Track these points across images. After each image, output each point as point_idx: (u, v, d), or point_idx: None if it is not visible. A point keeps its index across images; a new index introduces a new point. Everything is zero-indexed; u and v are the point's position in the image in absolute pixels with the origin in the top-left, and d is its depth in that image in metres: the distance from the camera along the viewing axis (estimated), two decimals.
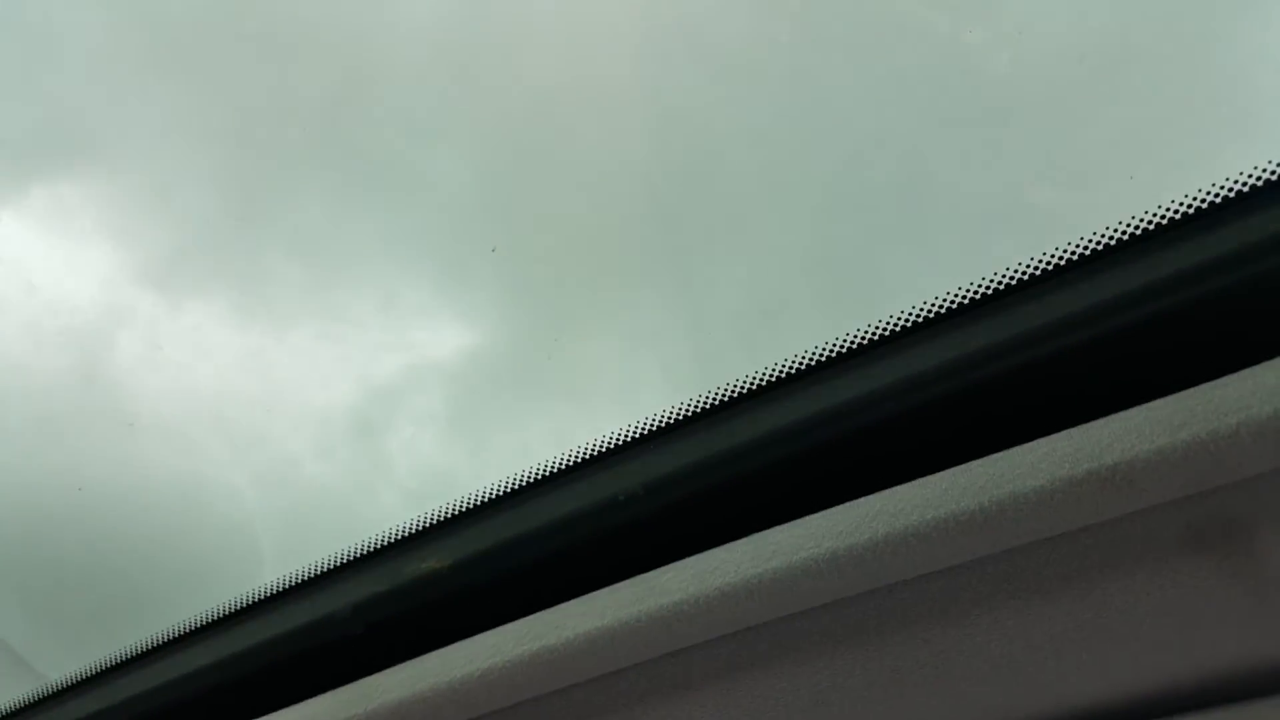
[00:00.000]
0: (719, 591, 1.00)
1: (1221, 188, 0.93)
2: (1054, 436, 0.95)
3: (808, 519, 1.01)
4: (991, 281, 1.00)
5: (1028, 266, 0.98)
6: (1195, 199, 0.94)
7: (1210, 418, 0.88)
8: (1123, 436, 0.91)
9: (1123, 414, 0.92)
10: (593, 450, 1.12)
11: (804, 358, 1.04)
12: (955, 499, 0.96)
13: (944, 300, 1.00)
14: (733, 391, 1.07)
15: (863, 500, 1.02)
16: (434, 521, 1.21)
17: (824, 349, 1.03)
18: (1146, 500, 0.91)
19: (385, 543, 1.22)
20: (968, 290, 0.98)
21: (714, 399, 1.08)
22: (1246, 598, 0.94)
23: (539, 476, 1.16)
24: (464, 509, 1.19)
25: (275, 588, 1.26)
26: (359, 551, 1.23)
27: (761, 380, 1.05)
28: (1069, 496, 0.92)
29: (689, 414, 1.10)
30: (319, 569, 1.25)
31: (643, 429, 1.10)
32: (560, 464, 1.15)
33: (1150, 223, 0.94)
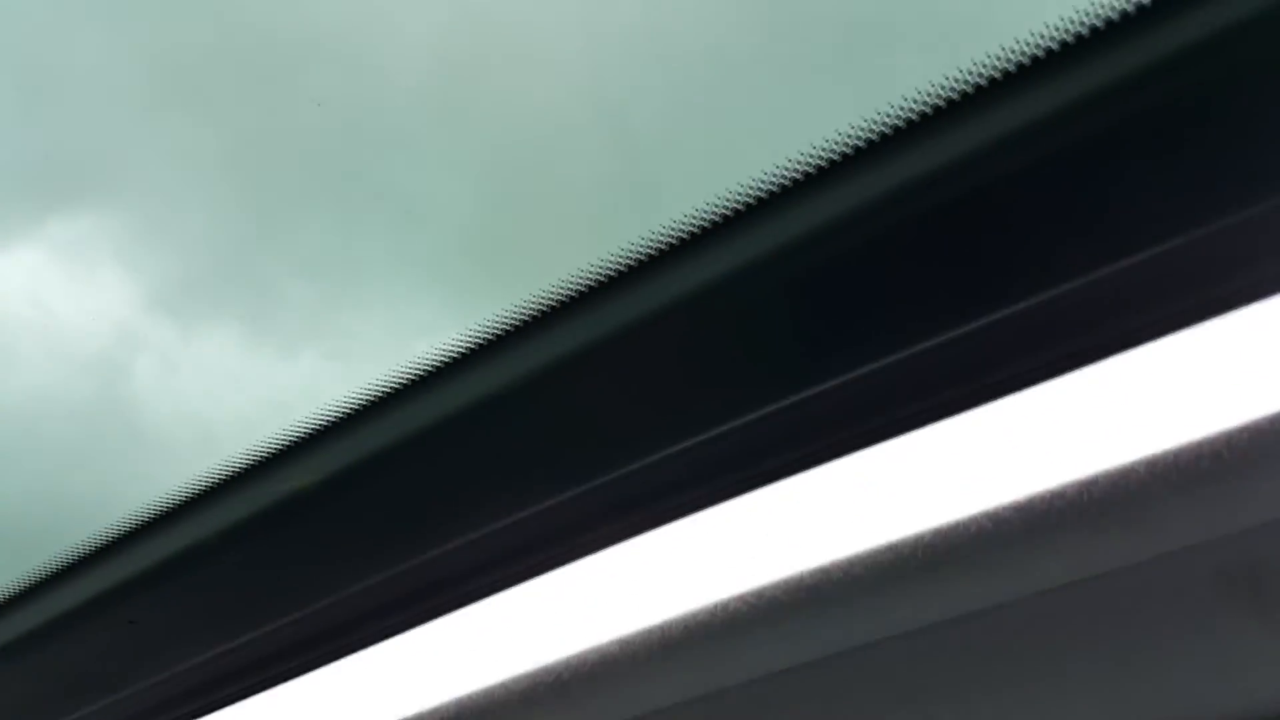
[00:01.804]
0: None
1: None
2: (1082, 479, 0.96)
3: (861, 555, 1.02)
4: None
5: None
6: None
7: (1238, 460, 0.89)
8: (1150, 481, 0.92)
9: (1149, 456, 0.93)
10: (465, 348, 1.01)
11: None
12: (988, 540, 0.97)
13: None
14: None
15: (899, 540, 1.02)
16: (300, 438, 1.11)
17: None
18: (1176, 543, 0.92)
19: (248, 463, 1.13)
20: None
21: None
22: (1278, 642, 0.94)
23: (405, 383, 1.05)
24: (330, 422, 1.09)
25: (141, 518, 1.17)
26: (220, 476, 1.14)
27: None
28: (1098, 540, 0.93)
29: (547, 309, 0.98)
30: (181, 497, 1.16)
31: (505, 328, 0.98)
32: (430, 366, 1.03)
33: None
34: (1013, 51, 0.77)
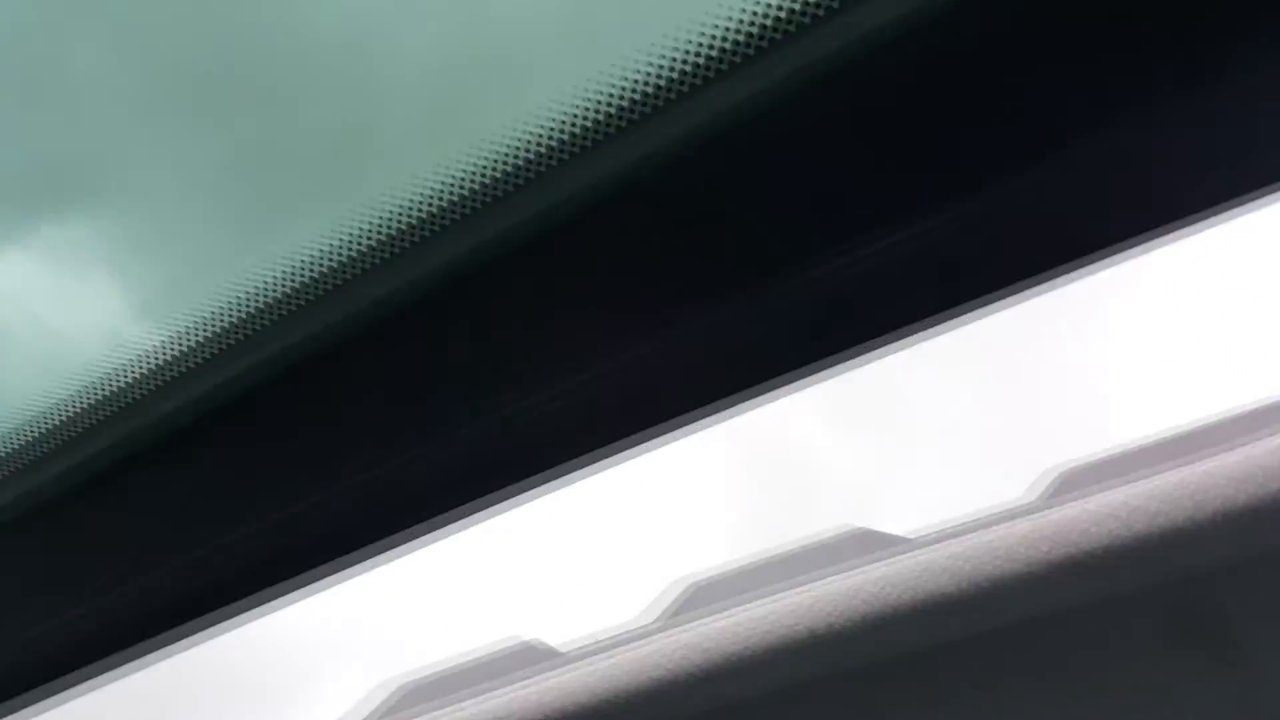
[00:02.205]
0: (689, 674, 0.99)
1: None
2: (1034, 517, 0.94)
3: (779, 597, 1.01)
4: None
5: None
6: None
7: (1189, 505, 0.88)
8: (1101, 521, 0.91)
9: (1099, 497, 0.92)
10: None
11: None
12: (934, 578, 0.96)
13: None
14: None
15: (841, 578, 1.01)
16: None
17: None
18: (1127, 587, 0.91)
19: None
20: None
21: None
22: (1229, 686, 0.92)
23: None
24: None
25: None
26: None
27: None
28: (1048, 581, 0.92)
29: None
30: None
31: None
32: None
33: None
34: None
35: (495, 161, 0.84)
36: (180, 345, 1.00)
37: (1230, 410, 1.09)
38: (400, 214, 0.91)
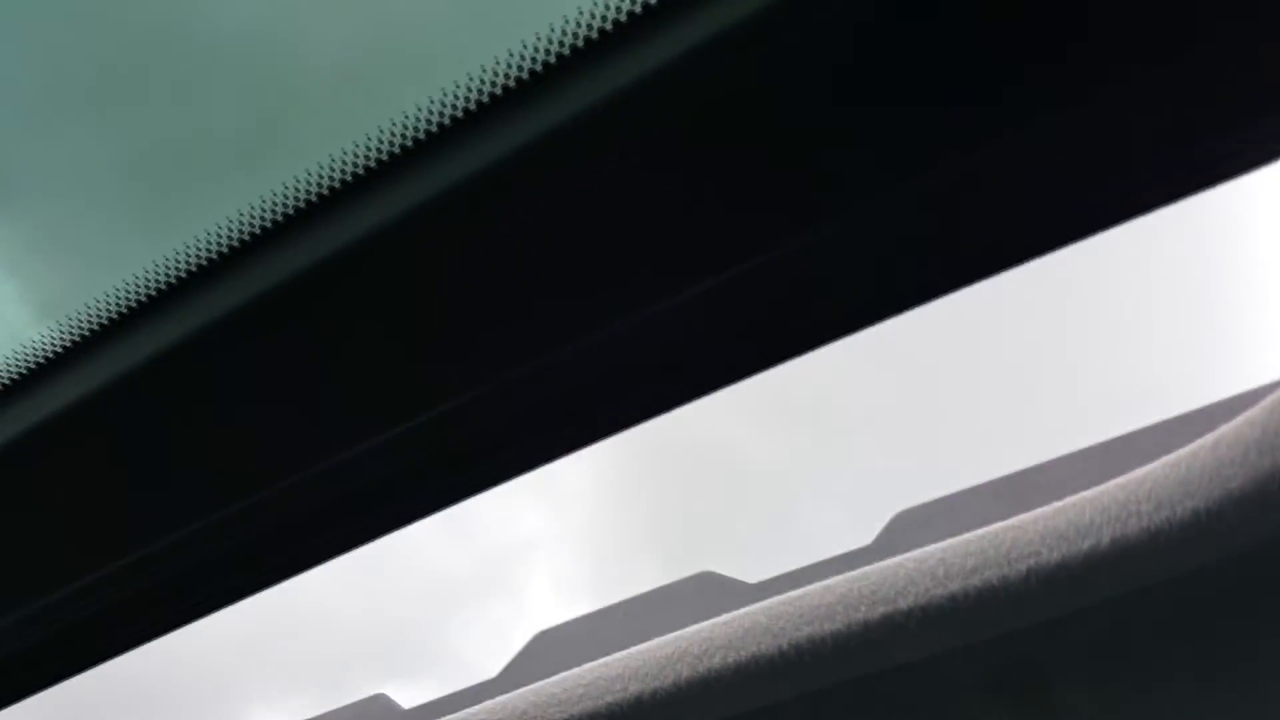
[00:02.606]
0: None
1: None
2: (851, 576, 0.92)
3: (608, 660, 0.98)
4: None
5: None
6: None
7: (1002, 562, 0.87)
8: (918, 579, 0.89)
9: (916, 554, 0.90)
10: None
11: None
12: (757, 639, 0.94)
13: None
14: None
15: (669, 639, 0.98)
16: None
17: None
18: (943, 644, 0.89)
19: None
20: None
21: None
22: None
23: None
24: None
25: None
26: None
27: None
28: (867, 640, 0.90)
29: None
30: None
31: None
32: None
33: None
34: None
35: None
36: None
37: (1062, 454, 1.09)
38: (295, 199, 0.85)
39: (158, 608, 1.10)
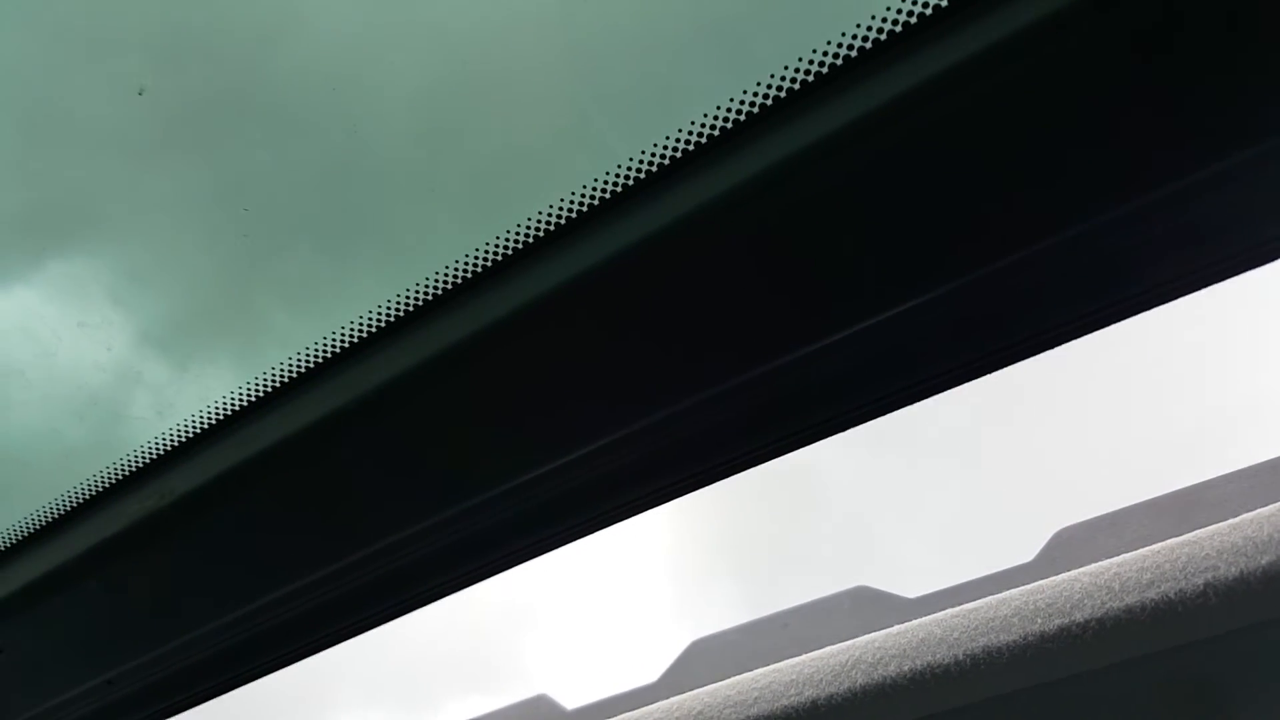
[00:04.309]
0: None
1: None
2: (1026, 589, 0.96)
3: (781, 666, 1.02)
4: None
5: None
6: None
7: (1178, 576, 0.90)
8: (1093, 593, 0.93)
9: (1091, 569, 0.94)
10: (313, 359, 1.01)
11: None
12: (932, 650, 0.97)
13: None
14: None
15: (842, 647, 1.03)
16: (150, 458, 1.10)
17: None
18: (1118, 655, 0.92)
19: (103, 486, 1.12)
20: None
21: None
22: None
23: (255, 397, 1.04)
24: (180, 441, 1.09)
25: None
26: (73, 501, 1.14)
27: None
28: (1043, 650, 0.93)
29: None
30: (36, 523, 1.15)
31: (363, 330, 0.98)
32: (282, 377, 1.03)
33: None
34: None
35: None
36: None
37: (1222, 473, 1.11)
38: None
39: (325, 623, 1.20)
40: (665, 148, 0.82)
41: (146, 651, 1.25)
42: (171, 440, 1.09)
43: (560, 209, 0.87)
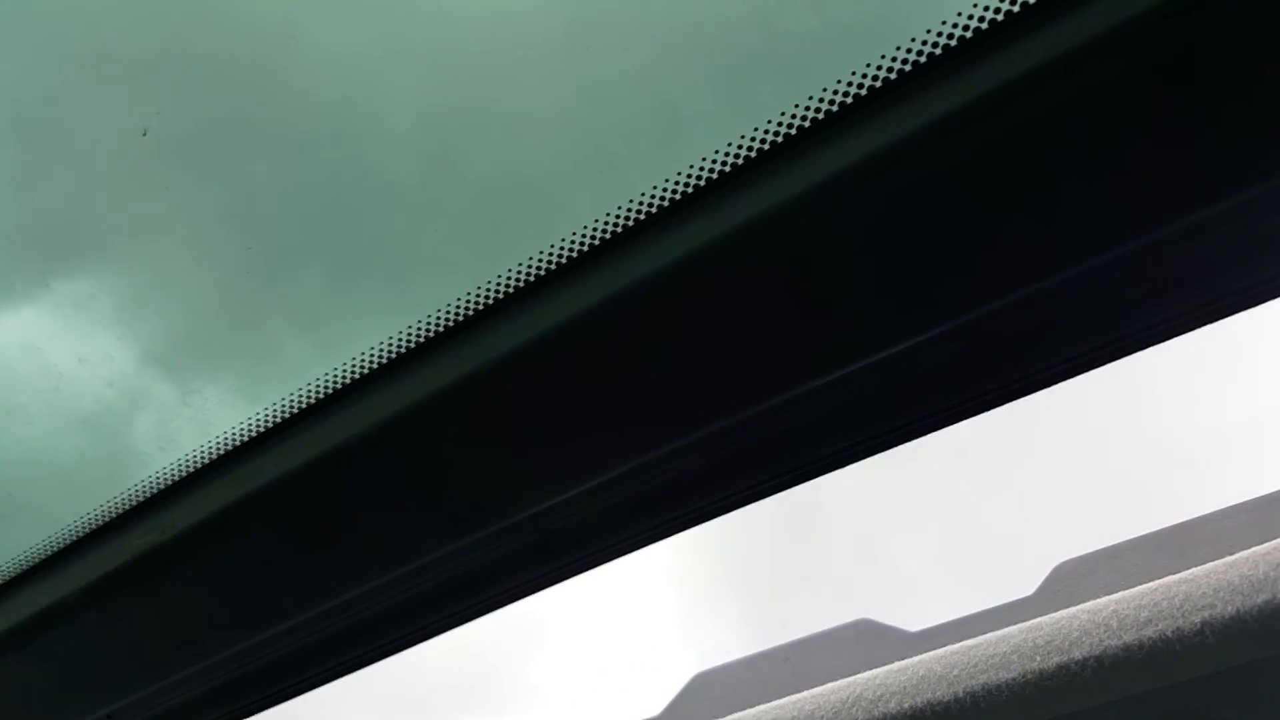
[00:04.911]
0: None
1: None
2: (1025, 627, 0.96)
3: (783, 702, 1.03)
4: None
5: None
6: None
7: (1175, 615, 0.90)
8: (1091, 631, 0.93)
9: (1089, 606, 0.94)
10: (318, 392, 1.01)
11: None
12: (932, 687, 0.98)
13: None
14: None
15: (843, 684, 1.03)
16: (151, 492, 1.11)
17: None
18: (1117, 693, 0.92)
19: (103, 520, 1.13)
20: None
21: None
22: None
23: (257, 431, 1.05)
24: (181, 475, 1.09)
25: None
26: (74, 534, 1.14)
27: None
28: (1042, 688, 0.94)
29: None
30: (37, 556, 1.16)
31: (369, 363, 0.99)
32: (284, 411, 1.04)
33: None
34: None
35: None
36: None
37: (1221, 506, 1.11)
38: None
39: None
40: (676, 183, 0.83)
41: (147, 685, 1.25)
42: (173, 474, 1.10)
43: (568, 244, 0.88)
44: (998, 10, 0.73)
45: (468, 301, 0.95)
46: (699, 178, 0.83)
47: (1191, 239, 0.81)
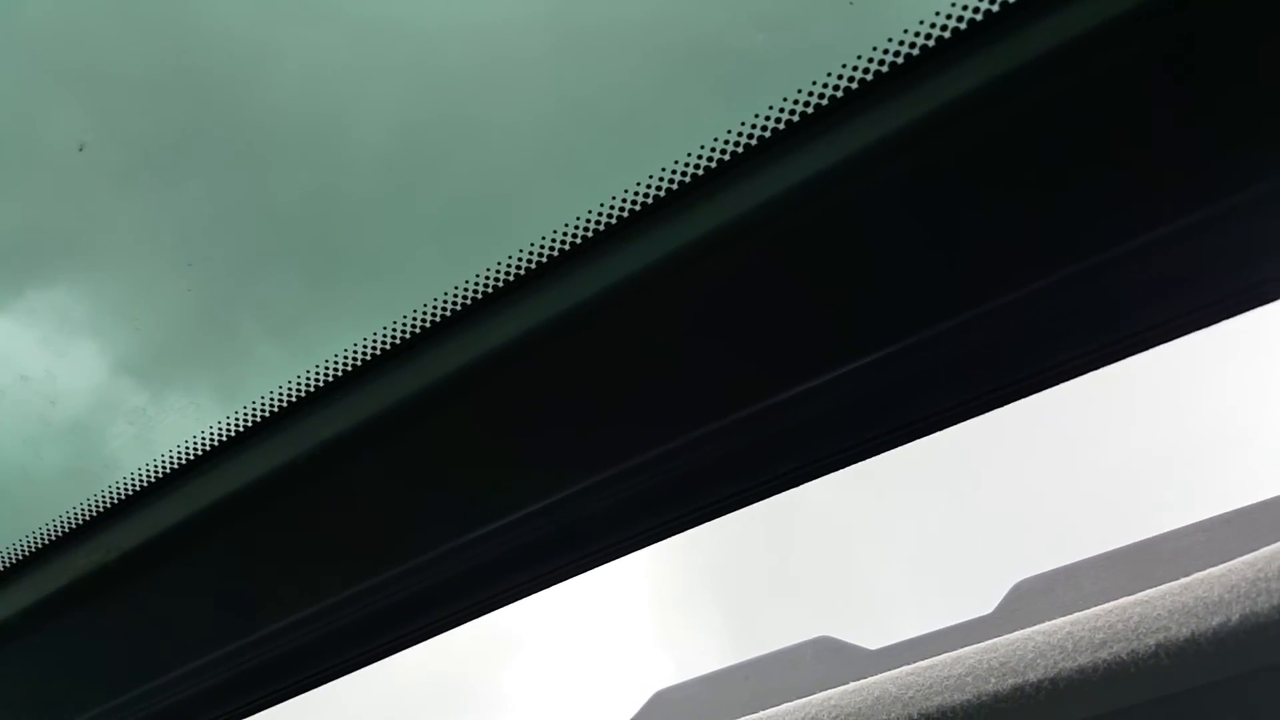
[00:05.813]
0: None
1: None
2: (980, 648, 0.95)
3: None
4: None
5: None
6: None
7: (1130, 637, 0.89)
8: (1046, 652, 0.92)
9: (1044, 627, 0.93)
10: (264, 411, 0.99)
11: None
12: (887, 708, 0.97)
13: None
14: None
15: (800, 704, 1.02)
16: (95, 512, 1.08)
17: None
18: (1071, 716, 0.91)
19: (47, 540, 1.11)
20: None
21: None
22: None
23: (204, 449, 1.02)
24: (126, 495, 1.07)
25: None
26: (18, 553, 1.12)
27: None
28: (996, 711, 0.93)
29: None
30: None
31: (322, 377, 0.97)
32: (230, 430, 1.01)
33: None
34: None
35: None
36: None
37: (1182, 524, 1.10)
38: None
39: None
40: (661, 179, 0.82)
41: (113, 698, 1.23)
42: (125, 489, 1.08)
43: (549, 243, 0.87)
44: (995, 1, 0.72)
45: (429, 311, 0.93)
46: (684, 175, 0.82)
47: (1155, 250, 0.79)
